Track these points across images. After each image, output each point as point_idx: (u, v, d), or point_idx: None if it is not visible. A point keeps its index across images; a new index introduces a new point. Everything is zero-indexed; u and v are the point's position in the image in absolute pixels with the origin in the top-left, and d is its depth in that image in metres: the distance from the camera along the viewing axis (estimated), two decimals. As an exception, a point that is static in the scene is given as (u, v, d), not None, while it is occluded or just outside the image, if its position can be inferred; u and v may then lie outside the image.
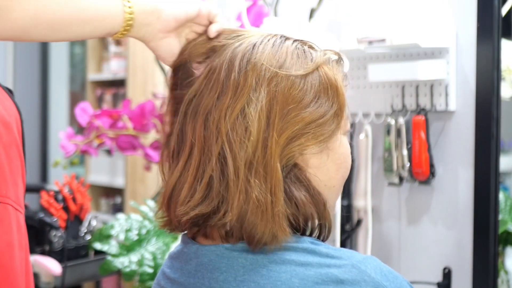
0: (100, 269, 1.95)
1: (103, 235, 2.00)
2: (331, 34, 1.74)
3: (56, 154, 3.67)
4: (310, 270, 0.80)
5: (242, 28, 0.95)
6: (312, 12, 1.83)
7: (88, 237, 2.14)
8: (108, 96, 3.49)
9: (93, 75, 3.56)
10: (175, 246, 0.94)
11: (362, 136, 1.86)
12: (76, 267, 2.08)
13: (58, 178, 2.43)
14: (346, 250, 0.84)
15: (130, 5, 0.90)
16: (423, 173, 1.72)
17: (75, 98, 3.99)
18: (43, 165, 4.16)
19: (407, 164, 1.74)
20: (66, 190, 2.13)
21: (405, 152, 1.74)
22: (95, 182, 3.44)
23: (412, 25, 1.67)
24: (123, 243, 1.98)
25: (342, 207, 1.87)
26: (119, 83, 3.35)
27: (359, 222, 1.88)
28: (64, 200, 2.11)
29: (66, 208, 2.10)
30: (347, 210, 1.89)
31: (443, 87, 1.71)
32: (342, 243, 1.87)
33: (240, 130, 0.83)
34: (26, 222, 1.18)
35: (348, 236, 1.90)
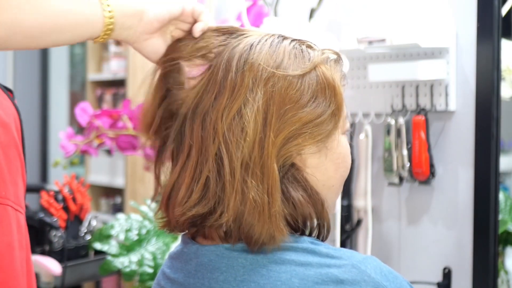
0: (100, 269, 1.95)
1: (103, 235, 2.00)
2: (331, 34, 1.74)
3: (56, 154, 3.67)
4: (310, 270, 0.80)
5: (238, 27, 0.93)
6: (312, 12, 1.83)
7: (88, 237, 2.14)
8: (108, 96, 3.49)
9: (93, 75, 3.56)
10: (175, 246, 0.94)
11: (362, 136, 1.86)
12: (76, 267, 2.08)
13: (58, 178, 2.43)
14: (346, 250, 0.84)
15: (110, 9, 0.88)
16: (423, 173, 1.72)
17: (75, 98, 3.99)
18: (43, 165, 4.16)
19: (407, 164, 1.74)
20: (66, 190, 2.13)
21: (405, 152, 1.74)
22: (95, 182, 3.44)
23: (412, 25, 1.67)
24: (123, 243, 1.98)
25: (342, 207, 1.87)
26: (119, 83, 3.34)
27: (359, 222, 1.88)
28: (64, 200, 2.11)
29: (66, 208, 2.10)
30: (347, 210, 1.89)
31: (443, 87, 1.71)
32: (342, 243, 1.87)
33: (237, 131, 0.82)
34: (26, 222, 1.18)
35: (348, 236, 1.90)
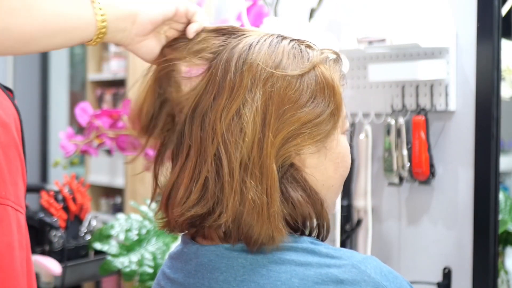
0: (100, 269, 1.95)
1: (103, 235, 2.00)
2: (331, 34, 1.74)
3: (56, 154, 3.67)
4: (310, 270, 0.80)
5: (236, 26, 0.93)
6: (312, 12, 1.83)
7: (88, 237, 2.14)
8: (108, 96, 3.49)
9: (93, 75, 3.56)
10: (175, 246, 0.94)
11: (362, 136, 1.86)
12: (76, 267, 2.08)
13: (58, 178, 2.43)
14: (346, 250, 0.84)
15: (102, 13, 0.86)
16: (423, 173, 1.72)
17: (75, 98, 3.99)
18: (43, 165, 4.16)
19: (407, 164, 1.74)
20: (66, 190, 2.13)
21: (405, 152, 1.74)
22: (95, 182, 3.44)
23: (412, 25, 1.67)
24: (123, 243, 1.98)
25: (342, 207, 1.87)
26: (119, 83, 3.34)
27: (359, 222, 1.88)
28: (64, 200, 2.11)
29: (66, 208, 2.11)
30: (347, 210, 1.89)
31: (443, 87, 1.71)
32: (342, 243, 1.87)
33: (235, 131, 0.82)
34: (26, 222, 1.18)
35: (348, 236, 1.90)
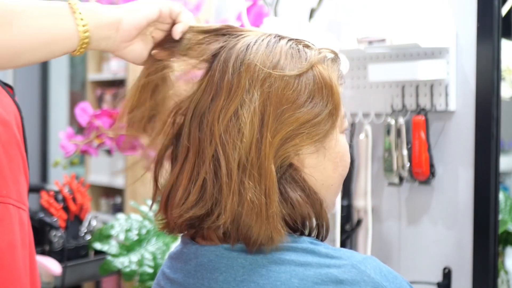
0: (100, 269, 1.95)
1: (103, 235, 2.00)
2: (331, 34, 1.74)
3: (56, 154, 3.67)
4: (310, 270, 0.80)
5: (232, 25, 0.93)
6: (312, 12, 1.83)
7: (88, 237, 2.14)
8: (108, 96, 3.49)
9: (93, 75, 3.56)
10: (175, 246, 0.94)
11: (362, 136, 1.86)
12: (76, 267, 2.08)
13: (58, 178, 2.43)
14: (346, 250, 0.84)
15: (84, 23, 0.86)
16: (423, 173, 1.72)
17: (75, 98, 3.99)
18: (43, 165, 4.16)
19: (407, 164, 1.74)
20: (66, 190, 2.13)
21: (405, 152, 1.74)
22: (95, 182, 3.44)
23: (412, 25, 1.67)
24: (123, 243, 1.98)
25: (342, 207, 1.87)
26: (119, 83, 3.35)
27: (359, 222, 1.88)
28: (64, 200, 2.11)
29: (66, 208, 2.10)
30: (347, 210, 1.89)
31: (443, 87, 1.71)
32: (342, 243, 1.87)
33: (233, 132, 0.82)
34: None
35: (348, 236, 1.90)
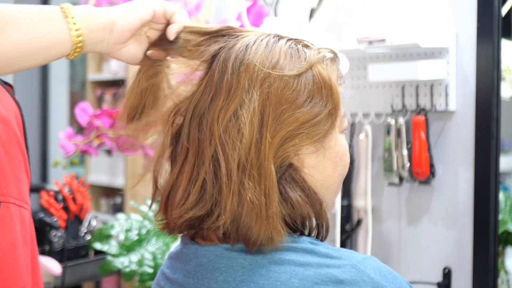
0: (100, 269, 1.95)
1: (103, 235, 2.00)
2: (331, 34, 1.74)
3: (56, 154, 3.67)
4: (310, 270, 0.80)
5: (231, 26, 0.92)
6: (312, 12, 1.83)
7: (88, 237, 2.14)
8: (108, 96, 3.49)
9: (93, 75, 3.56)
10: (175, 247, 0.94)
11: (362, 136, 1.86)
12: (76, 267, 2.08)
13: (58, 178, 2.43)
14: (346, 250, 0.84)
15: (77, 27, 0.86)
16: (423, 173, 1.72)
17: (75, 98, 3.99)
18: (43, 165, 4.15)
19: (407, 164, 1.74)
20: (66, 190, 2.13)
21: (405, 152, 1.74)
22: (95, 182, 3.43)
23: (412, 25, 1.67)
24: (123, 243, 1.97)
25: (342, 207, 1.87)
26: (119, 83, 3.33)
27: (359, 222, 1.88)
28: (64, 200, 2.11)
29: (66, 208, 2.10)
30: (347, 210, 1.89)
31: (443, 87, 1.71)
32: (342, 243, 1.87)
33: (233, 132, 0.82)
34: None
35: (348, 236, 1.90)
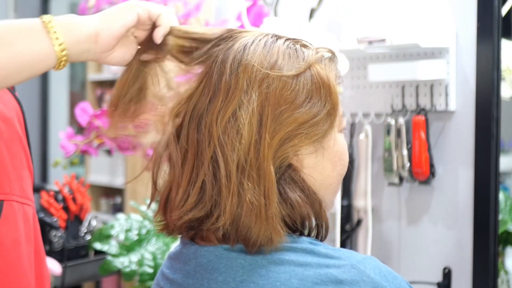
0: (100, 269, 1.95)
1: (103, 235, 2.00)
2: (331, 34, 1.74)
3: (56, 154, 3.67)
4: (309, 271, 0.80)
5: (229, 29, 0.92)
6: (312, 12, 1.83)
7: (88, 237, 2.14)
8: (108, 96, 3.49)
9: (93, 75, 3.56)
10: (175, 247, 0.94)
11: (362, 136, 1.86)
12: (76, 267, 2.08)
13: (58, 178, 2.43)
14: (345, 250, 0.84)
15: (60, 42, 0.85)
16: (423, 173, 1.72)
17: (75, 98, 3.99)
18: (43, 165, 4.16)
19: (407, 164, 1.74)
20: (66, 190, 2.13)
21: (405, 152, 1.74)
22: (95, 182, 3.44)
23: (412, 25, 1.67)
24: (123, 243, 1.97)
25: (342, 207, 1.87)
26: (119, 83, 3.34)
27: (359, 222, 1.88)
28: (64, 200, 2.11)
29: (66, 208, 2.10)
30: (347, 210, 1.89)
31: (443, 87, 1.71)
32: (342, 243, 1.86)
33: (232, 133, 0.82)
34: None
35: (348, 236, 1.90)
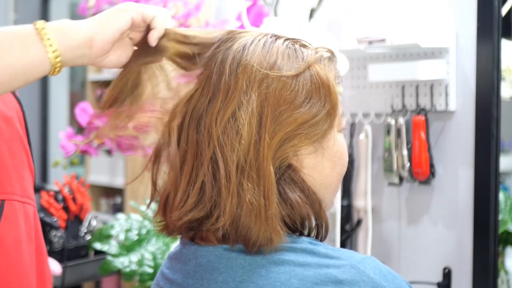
0: (100, 269, 1.95)
1: (103, 235, 2.00)
2: (331, 34, 1.74)
3: (56, 154, 3.67)
4: (309, 271, 0.80)
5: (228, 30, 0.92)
6: (312, 12, 1.83)
7: (88, 237, 2.14)
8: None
9: (93, 75, 3.56)
10: (174, 247, 0.94)
11: (362, 136, 1.86)
12: (76, 267, 2.08)
13: (58, 178, 2.43)
14: (345, 250, 0.84)
15: (54, 49, 0.85)
16: (423, 173, 1.72)
17: (75, 98, 3.99)
18: (43, 165, 4.16)
19: (407, 164, 1.74)
20: (66, 190, 2.13)
21: (405, 152, 1.74)
22: (95, 182, 3.43)
23: (412, 25, 1.67)
24: (123, 243, 1.98)
25: (342, 207, 1.87)
26: (119, 83, 3.33)
27: (359, 222, 1.88)
28: (64, 200, 2.11)
29: (66, 208, 2.10)
30: (347, 210, 1.89)
31: (443, 87, 1.71)
32: (342, 243, 1.87)
33: (231, 134, 0.82)
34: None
35: (348, 236, 1.90)
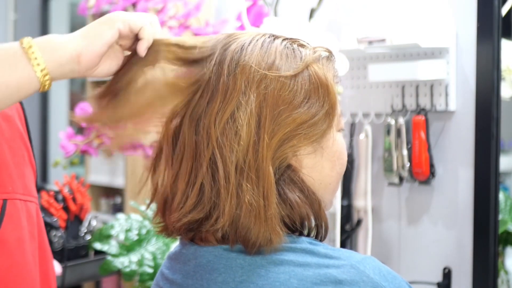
0: (100, 269, 1.95)
1: (103, 235, 2.00)
2: (331, 34, 1.74)
3: (56, 154, 3.67)
4: (309, 271, 0.80)
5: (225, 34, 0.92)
6: (312, 12, 1.83)
7: (88, 237, 2.14)
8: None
9: (93, 75, 3.55)
10: (174, 247, 0.94)
11: (362, 136, 1.86)
12: (76, 267, 2.08)
13: (58, 178, 2.42)
14: (345, 250, 0.84)
15: (42, 68, 0.85)
16: (423, 173, 1.72)
17: (75, 98, 3.99)
18: (43, 165, 4.16)
19: (407, 164, 1.74)
20: (66, 190, 2.13)
21: (405, 152, 1.74)
22: (95, 182, 3.43)
23: (412, 25, 1.67)
24: (123, 243, 1.97)
25: (342, 207, 1.87)
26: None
27: (359, 222, 1.88)
28: (64, 200, 2.11)
29: (66, 208, 2.10)
30: (347, 210, 1.89)
31: (443, 87, 1.71)
32: (342, 243, 1.87)
33: (230, 135, 0.82)
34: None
35: (348, 236, 1.90)
